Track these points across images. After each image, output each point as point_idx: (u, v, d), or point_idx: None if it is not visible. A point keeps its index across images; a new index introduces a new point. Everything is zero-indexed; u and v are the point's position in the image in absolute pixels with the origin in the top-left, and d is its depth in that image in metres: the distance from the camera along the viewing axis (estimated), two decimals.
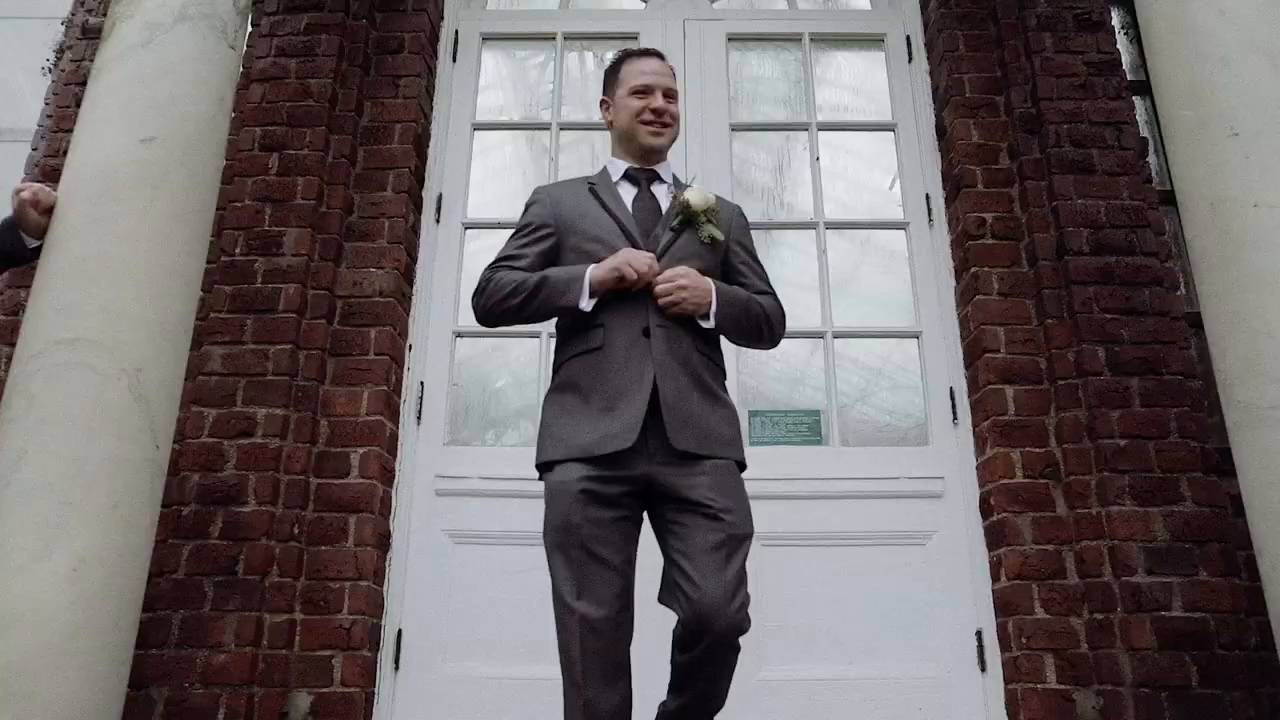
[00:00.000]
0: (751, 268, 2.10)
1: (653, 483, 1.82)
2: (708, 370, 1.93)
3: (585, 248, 1.97)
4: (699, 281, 1.90)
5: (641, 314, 1.89)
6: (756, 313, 2.00)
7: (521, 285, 1.92)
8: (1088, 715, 2.54)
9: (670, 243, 1.97)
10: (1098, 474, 2.68)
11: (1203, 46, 2.22)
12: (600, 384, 1.87)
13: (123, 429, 1.93)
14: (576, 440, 1.83)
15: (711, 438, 1.85)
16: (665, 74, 2.12)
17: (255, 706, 2.51)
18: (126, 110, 2.14)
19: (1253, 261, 2.05)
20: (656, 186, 2.10)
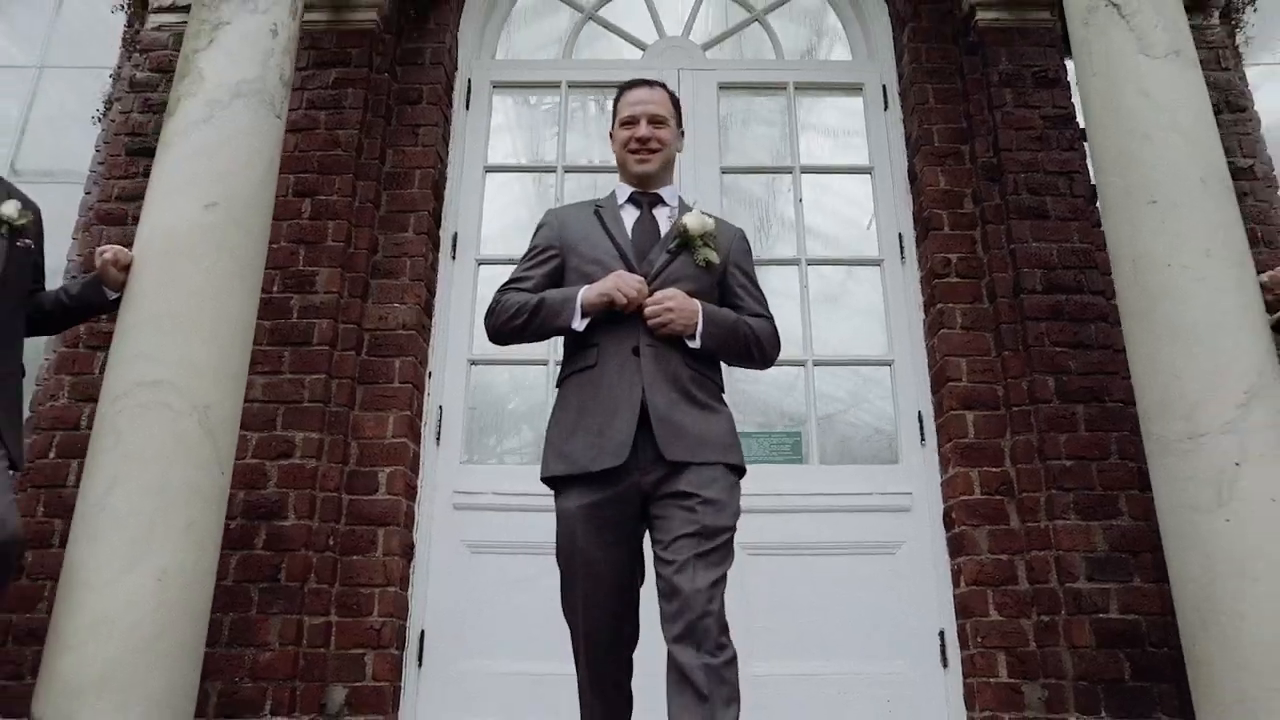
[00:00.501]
0: (748, 290, 2.21)
1: (648, 493, 1.96)
2: (698, 385, 2.04)
3: (585, 269, 2.12)
4: (686, 304, 2.02)
5: (633, 334, 2.02)
6: (744, 334, 2.11)
7: (523, 307, 2.08)
8: (1034, 706, 2.89)
9: (665, 265, 2.10)
10: (1046, 491, 3.03)
11: (1129, 124, 2.57)
12: (593, 400, 2.00)
13: (195, 459, 2.27)
14: (573, 456, 1.98)
15: (705, 445, 1.96)
16: (650, 102, 2.24)
17: (297, 699, 2.85)
18: (192, 180, 2.48)
19: (1166, 314, 2.39)
20: (659, 209, 2.24)
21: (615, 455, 1.93)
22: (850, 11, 4.14)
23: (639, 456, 1.94)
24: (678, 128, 2.31)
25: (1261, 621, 2.10)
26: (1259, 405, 2.23)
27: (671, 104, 2.29)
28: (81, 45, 3.98)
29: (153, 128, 3.44)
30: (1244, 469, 2.19)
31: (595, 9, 4.19)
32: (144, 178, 3.32)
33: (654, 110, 2.23)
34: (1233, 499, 2.19)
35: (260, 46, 2.67)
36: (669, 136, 2.25)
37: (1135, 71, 2.60)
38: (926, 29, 3.76)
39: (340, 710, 2.89)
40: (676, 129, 2.30)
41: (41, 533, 2.96)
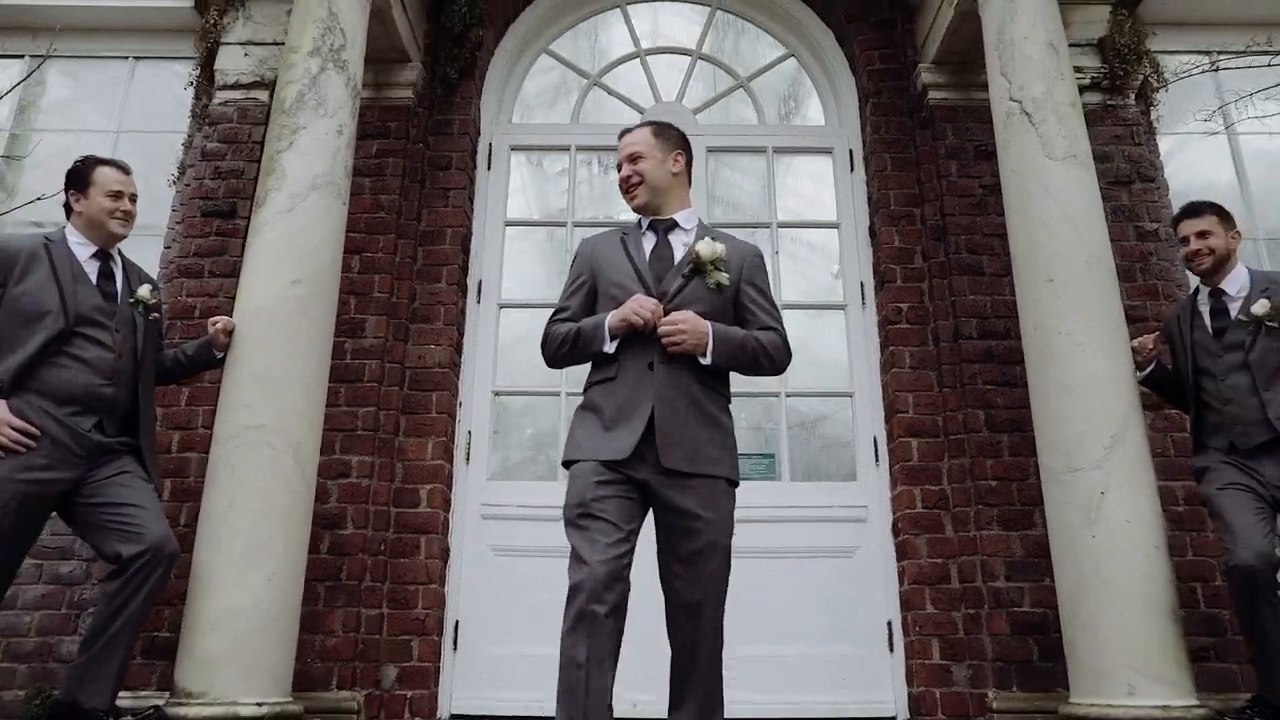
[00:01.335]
0: (760, 305, 2.44)
1: (649, 489, 2.27)
2: (708, 398, 2.34)
3: (611, 292, 2.43)
4: (697, 325, 2.29)
5: (650, 351, 2.31)
6: (753, 348, 2.36)
7: (566, 337, 2.43)
8: (961, 682, 3.56)
9: (680, 289, 2.37)
10: (975, 506, 3.70)
11: (1033, 213, 3.23)
12: (611, 406, 2.32)
13: (290, 487, 2.94)
14: (590, 448, 2.32)
15: (700, 457, 2.26)
16: (629, 144, 2.52)
17: (357, 676, 3.52)
18: (280, 261, 3.12)
19: (1057, 372, 3.06)
20: (674, 234, 2.50)
21: (620, 453, 2.26)
22: (824, 79, 4.78)
23: (643, 455, 2.25)
24: (668, 153, 2.52)
25: (1113, 613, 2.78)
26: (1121, 447, 2.91)
27: (654, 136, 2.53)
28: (151, 110, 4.60)
29: (223, 192, 4.09)
30: (1107, 496, 2.87)
31: (599, 77, 4.83)
32: (217, 236, 4.00)
33: (631, 150, 2.51)
34: (1098, 520, 2.86)
35: (329, 146, 3.32)
36: (649, 168, 2.47)
37: (1040, 170, 3.26)
38: (886, 104, 4.40)
39: (392, 685, 3.56)
40: (664, 155, 2.50)
41: None
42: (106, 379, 2.67)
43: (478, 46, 4.48)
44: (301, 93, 3.34)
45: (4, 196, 4.34)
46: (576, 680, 2.08)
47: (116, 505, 2.57)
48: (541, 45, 4.87)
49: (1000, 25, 3.53)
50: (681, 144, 2.59)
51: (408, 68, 4.26)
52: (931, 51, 4.26)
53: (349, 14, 3.53)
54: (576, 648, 2.10)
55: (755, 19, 4.95)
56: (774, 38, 4.92)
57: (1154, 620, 2.75)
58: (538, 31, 4.86)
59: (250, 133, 4.19)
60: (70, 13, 4.56)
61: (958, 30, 4.01)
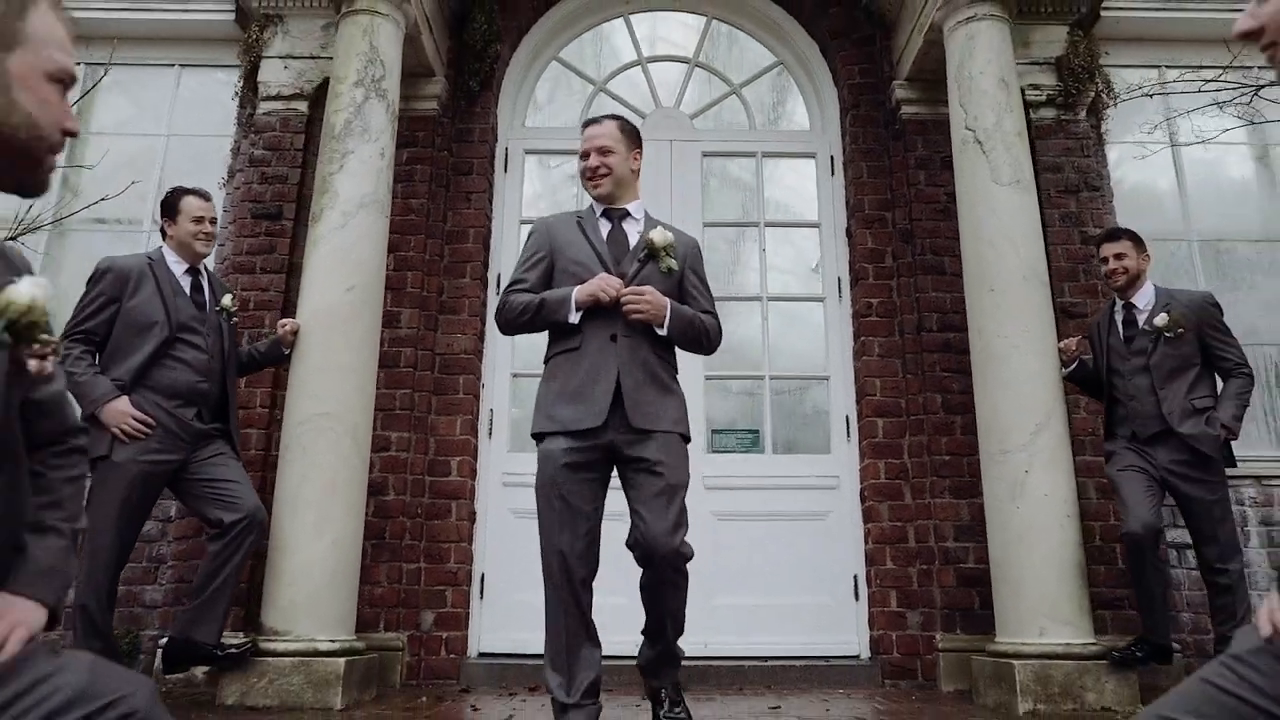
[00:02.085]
0: (700, 291, 2.75)
1: (615, 449, 2.51)
2: (661, 367, 2.61)
3: (570, 269, 2.66)
4: (659, 299, 2.56)
5: (611, 324, 2.54)
6: (699, 327, 2.68)
7: (528, 306, 2.62)
8: (914, 626, 4.22)
9: (637, 271, 2.64)
10: (930, 478, 4.32)
11: (981, 231, 3.79)
12: (575, 376, 2.54)
13: (349, 465, 3.53)
14: (560, 417, 2.53)
15: (661, 418, 2.54)
16: (598, 136, 2.71)
17: (400, 620, 4.16)
18: (336, 270, 3.67)
19: (995, 370, 3.65)
20: (628, 223, 2.76)
21: (595, 418, 2.49)
22: (810, 87, 5.28)
23: (612, 420, 2.50)
24: (630, 150, 2.77)
25: (1031, 571, 3.40)
26: (1044, 433, 3.51)
27: (621, 132, 2.75)
28: (197, 115, 5.08)
29: (270, 196, 4.60)
30: (1030, 475, 3.48)
31: (604, 83, 5.32)
32: (266, 236, 4.52)
33: (601, 143, 2.72)
34: (1022, 494, 3.48)
35: (374, 167, 3.85)
36: (616, 161, 2.70)
37: (988, 195, 3.81)
38: (864, 116, 4.92)
39: (430, 627, 4.21)
40: (627, 152, 2.75)
41: None
42: (203, 376, 3.24)
43: (496, 59, 4.96)
44: (349, 120, 3.86)
45: (70, 196, 4.85)
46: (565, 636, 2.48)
47: (217, 480, 3.17)
48: (552, 53, 5.35)
49: (960, 60, 4.05)
50: (639, 143, 2.85)
51: (433, 82, 4.75)
52: (905, 69, 4.76)
53: (387, 46, 4.03)
54: (561, 611, 2.48)
55: (747, 28, 5.42)
56: (764, 46, 5.39)
57: (1064, 576, 3.38)
58: (548, 40, 5.33)
59: (292, 140, 4.69)
60: (122, 25, 5.01)
61: (928, 53, 4.50)
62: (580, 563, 2.48)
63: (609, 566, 2.72)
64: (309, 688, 3.21)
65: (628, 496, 2.54)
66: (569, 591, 2.48)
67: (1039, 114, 4.73)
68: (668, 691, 2.63)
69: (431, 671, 4.15)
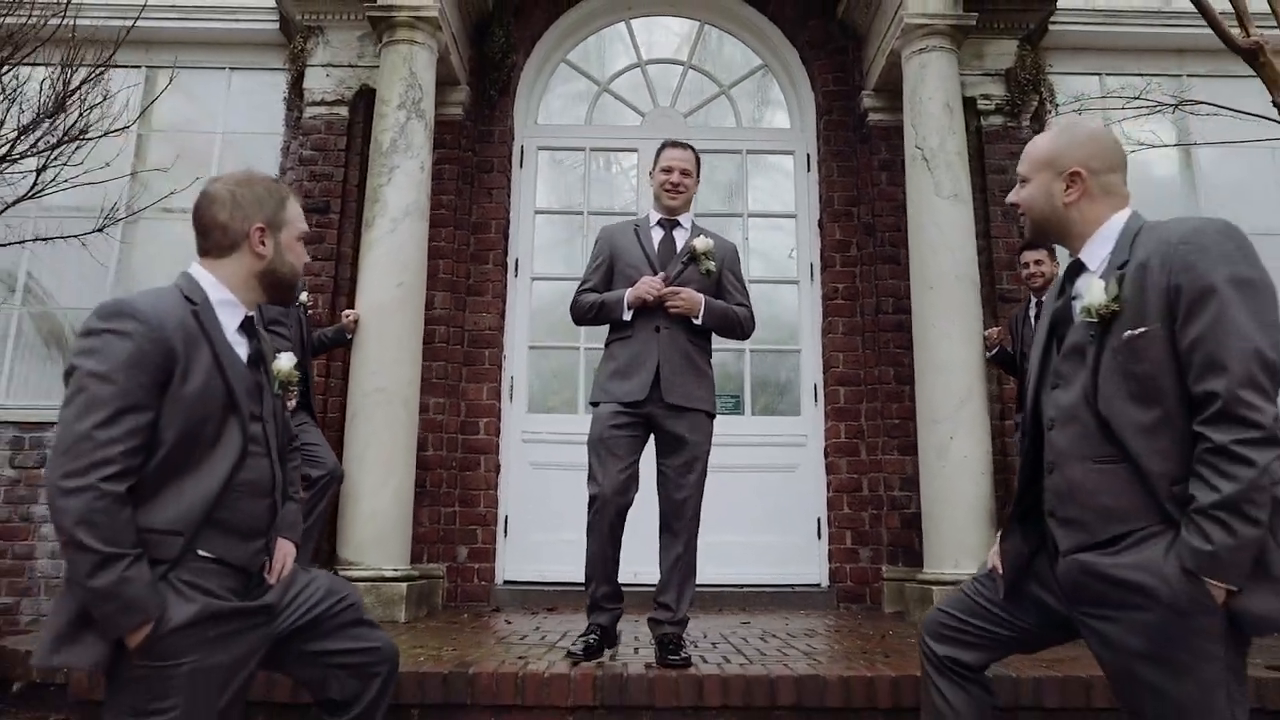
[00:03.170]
0: (736, 287, 3.35)
1: (653, 420, 3.14)
2: (696, 353, 3.21)
3: (626, 272, 3.27)
4: (693, 297, 3.16)
5: (655, 318, 3.16)
6: (732, 318, 3.26)
7: (592, 305, 3.28)
8: (864, 560, 5.16)
9: (680, 272, 3.24)
10: (881, 438, 5.22)
11: (924, 238, 4.60)
12: (625, 358, 3.18)
13: (403, 430, 4.40)
14: (611, 391, 3.18)
15: (691, 397, 3.16)
16: (684, 160, 3.36)
17: (441, 553, 5.09)
18: (388, 269, 4.49)
19: (931, 354, 4.50)
20: (677, 231, 3.37)
21: (639, 394, 3.13)
22: (790, 89, 6.01)
23: (652, 395, 3.12)
24: (698, 174, 3.44)
25: (950, 517, 4.31)
26: (965, 407, 4.39)
27: (695, 162, 3.40)
28: (246, 113, 5.81)
29: (318, 192, 5.37)
30: (954, 440, 4.36)
31: (607, 84, 6.04)
32: (317, 228, 5.29)
33: (685, 165, 3.37)
34: (947, 456, 4.37)
35: (416, 179, 4.63)
36: (691, 183, 3.39)
37: (930, 205, 4.61)
38: (836, 121, 5.68)
39: (464, 560, 5.14)
40: (696, 175, 3.42)
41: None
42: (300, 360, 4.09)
43: (513, 68, 5.69)
44: (394, 139, 4.63)
45: (141, 189, 5.61)
46: (597, 555, 3.16)
47: (305, 444, 4.03)
48: (560, 56, 6.06)
49: (914, 85, 4.81)
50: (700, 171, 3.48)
51: (459, 90, 5.49)
52: (872, 81, 5.50)
53: (423, 71, 4.77)
54: (596, 536, 3.13)
55: (735, 32, 6.12)
56: (751, 50, 6.11)
57: (975, 521, 4.29)
58: (558, 44, 6.02)
59: (335, 142, 5.43)
60: (179, 32, 5.70)
61: (890, 71, 5.24)
62: (615, 498, 3.09)
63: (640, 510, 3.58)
64: (378, 606, 4.12)
65: (658, 459, 3.21)
66: (605, 521, 3.11)
67: (989, 121, 5.49)
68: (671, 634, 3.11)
69: (466, 595, 5.10)
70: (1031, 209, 2.01)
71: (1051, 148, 1.97)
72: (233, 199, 1.93)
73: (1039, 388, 2.00)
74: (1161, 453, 1.72)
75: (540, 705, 2.74)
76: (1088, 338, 1.84)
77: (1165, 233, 1.78)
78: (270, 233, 1.95)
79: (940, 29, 4.80)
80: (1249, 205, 5.59)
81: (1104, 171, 1.94)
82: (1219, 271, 1.68)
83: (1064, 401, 1.89)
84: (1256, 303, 1.67)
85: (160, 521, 1.72)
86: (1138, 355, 1.74)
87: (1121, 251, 1.85)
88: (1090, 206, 1.94)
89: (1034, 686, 2.74)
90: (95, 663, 1.67)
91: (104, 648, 1.66)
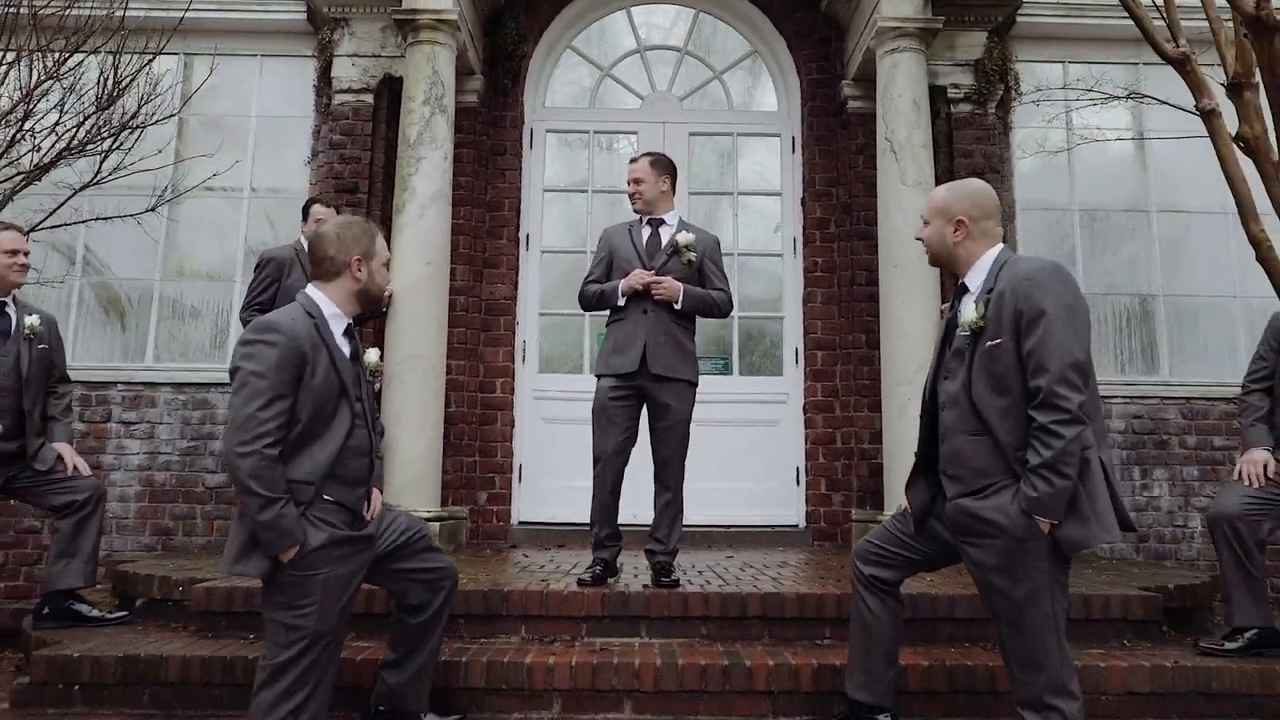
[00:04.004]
0: (716, 274, 4.03)
1: (645, 390, 3.91)
2: (680, 331, 3.94)
3: (621, 265, 4.01)
4: (674, 285, 3.89)
5: (643, 303, 3.90)
6: (709, 301, 3.99)
7: (594, 295, 4.05)
8: (836, 504, 5.94)
9: (664, 264, 3.96)
10: (853, 397, 5.95)
11: (890, 220, 5.27)
12: (620, 337, 3.93)
13: (433, 391, 5.13)
14: (610, 364, 3.93)
15: (674, 368, 3.89)
16: (635, 170, 4.04)
17: (462, 497, 5.85)
18: (417, 251, 5.16)
19: (894, 325, 5.20)
20: (663, 228, 4.06)
21: (630, 366, 3.88)
22: (779, 75, 6.60)
23: (642, 368, 3.87)
24: (659, 177, 4.04)
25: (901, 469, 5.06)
26: (922, 372, 5.05)
27: (651, 167, 4.04)
28: (276, 99, 6.40)
29: (348, 174, 6.00)
30: (910, 401, 5.09)
31: (609, 69, 6.63)
32: (348, 206, 5.96)
33: (635, 175, 4.07)
34: (904, 415, 5.09)
35: (440, 168, 5.28)
36: (645, 188, 4.03)
37: (897, 193, 5.27)
38: (819, 107, 6.29)
39: (484, 503, 5.92)
40: (656, 178, 4.02)
41: None
42: None
43: (524, 57, 6.28)
44: (420, 132, 5.26)
45: (184, 172, 6.23)
46: (599, 504, 3.96)
47: None
48: (566, 42, 6.63)
49: (886, 82, 5.42)
50: (669, 170, 4.13)
51: (474, 79, 6.08)
52: (851, 71, 6.10)
53: (445, 69, 5.37)
54: (599, 489, 3.94)
55: (728, 20, 6.68)
56: (743, 36, 6.68)
57: None
58: (564, 31, 6.59)
59: (362, 127, 6.04)
60: (214, 22, 6.25)
61: (867, 65, 5.81)
62: (615, 458, 3.92)
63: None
64: None
65: (650, 422, 3.98)
66: (607, 477, 3.92)
67: (958, 108, 6.11)
68: (663, 563, 3.87)
69: (486, 534, 5.89)
70: (930, 245, 2.71)
71: (945, 200, 2.66)
72: (338, 238, 2.62)
73: (935, 378, 2.72)
74: (1010, 430, 2.45)
75: (560, 616, 3.52)
76: (965, 344, 2.56)
77: (1016, 269, 2.49)
78: (365, 261, 2.64)
79: (910, 31, 5.39)
80: (1193, 188, 6.24)
81: (982, 219, 2.64)
82: (1049, 301, 2.39)
83: (950, 390, 2.61)
84: (1073, 324, 2.38)
85: (299, 475, 2.45)
86: (995, 359, 2.47)
87: (990, 280, 2.55)
88: (971, 245, 2.64)
89: (949, 603, 3.51)
90: (261, 572, 2.42)
91: (266, 563, 2.41)
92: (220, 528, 5.74)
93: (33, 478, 3.84)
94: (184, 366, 6.06)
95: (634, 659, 3.22)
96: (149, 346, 6.10)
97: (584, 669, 3.17)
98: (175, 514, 5.80)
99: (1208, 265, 6.23)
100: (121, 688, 3.15)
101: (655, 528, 3.96)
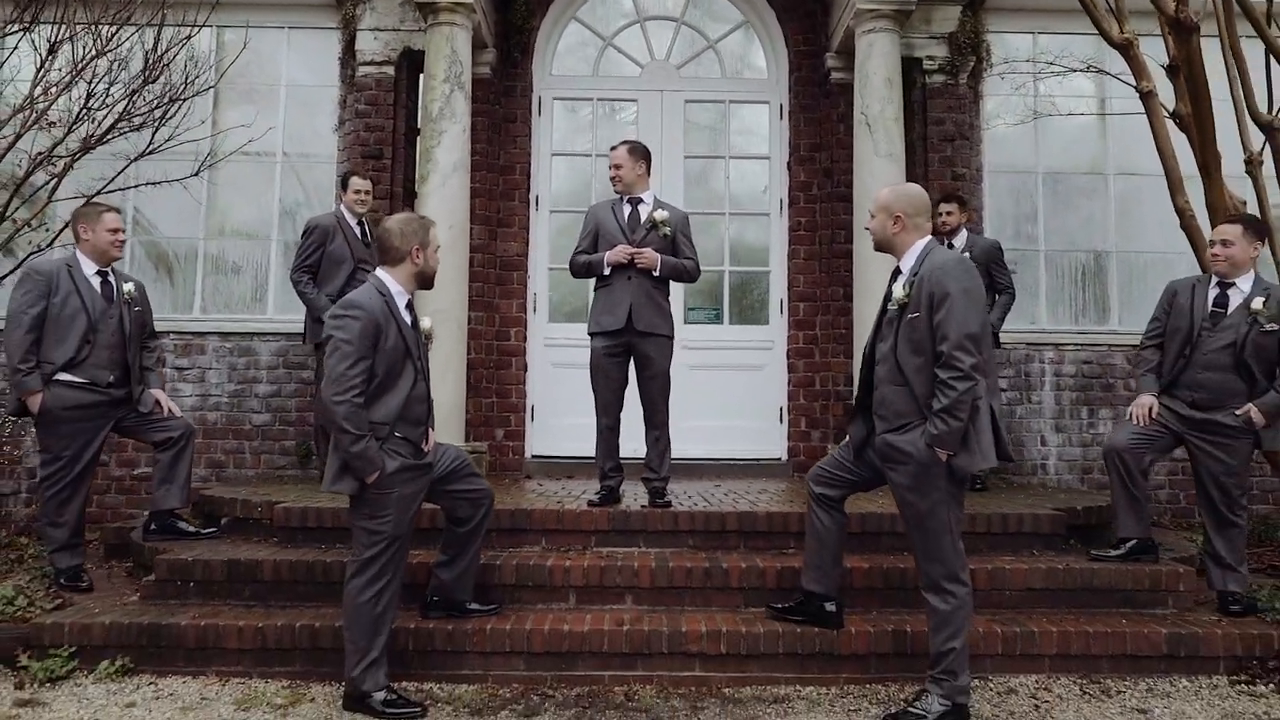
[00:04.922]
0: (687, 245, 4.76)
1: (632, 345, 4.66)
2: (658, 294, 4.66)
3: (606, 238, 4.72)
4: (652, 255, 4.60)
5: (627, 270, 4.60)
6: (680, 269, 4.72)
7: (584, 265, 4.76)
8: (815, 440, 6.78)
9: (644, 237, 4.69)
10: (831, 344, 6.74)
11: (863, 187, 5.98)
12: (608, 299, 4.67)
13: (458, 341, 5.93)
14: (600, 323, 4.68)
15: (654, 325, 4.62)
16: (615, 156, 4.73)
17: (482, 434, 6.69)
18: (440, 216, 5.85)
19: (867, 282, 5.95)
20: (640, 206, 4.76)
21: (618, 324, 4.62)
22: (769, 44, 7.22)
23: (628, 326, 4.63)
24: (636, 162, 4.73)
25: None
26: None
27: (628, 154, 4.72)
28: (302, 69, 7.05)
29: (373, 141, 6.69)
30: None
31: (611, 38, 7.26)
32: (374, 171, 6.67)
33: (614, 161, 4.77)
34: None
35: (460, 141, 5.98)
36: (624, 173, 4.72)
37: (870, 161, 5.98)
38: (805, 78, 6.94)
39: (501, 439, 6.76)
40: (633, 164, 4.71)
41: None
42: None
43: (532, 30, 6.92)
44: (441, 108, 5.95)
45: (222, 139, 6.91)
46: (603, 445, 4.82)
47: None
48: (571, 14, 7.24)
49: (862, 60, 6.08)
50: (645, 155, 4.82)
51: (487, 52, 6.73)
52: (834, 45, 6.73)
53: (463, 48, 6.03)
54: (602, 431, 4.79)
55: None
56: (735, 7, 7.28)
57: None
58: (569, 3, 7.21)
59: (385, 97, 6.71)
60: None
61: (848, 40, 6.46)
62: (612, 407, 4.78)
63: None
64: None
65: (637, 373, 4.74)
66: (605, 421, 4.79)
67: (932, 79, 6.76)
68: (657, 488, 4.80)
69: (504, 467, 6.75)
70: (874, 234, 3.47)
71: (888, 199, 3.42)
72: (401, 232, 3.38)
73: (874, 339, 3.51)
74: (923, 382, 3.24)
75: (574, 530, 4.39)
76: (894, 315, 3.35)
77: (935, 259, 3.26)
78: (422, 250, 3.41)
79: (886, 13, 6.03)
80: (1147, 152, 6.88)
81: (915, 215, 3.39)
82: (953, 285, 3.17)
83: (883, 350, 3.41)
84: (971, 303, 3.16)
85: (377, 417, 3.27)
86: (915, 328, 3.25)
87: (917, 265, 3.32)
88: (905, 236, 3.40)
89: (892, 520, 4.35)
90: (351, 490, 3.24)
91: (354, 483, 3.24)
92: (266, 461, 6.61)
93: (137, 419, 4.65)
94: (229, 317, 6.84)
95: (634, 563, 4.08)
96: (196, 299, 6.88)
97: (594, 570, 4.03)
98: (226, 449, 6.65)
99: (1156, 224, 6.92)
100: (226, 584, 4.03)
101: (649, 459, 4.80)
